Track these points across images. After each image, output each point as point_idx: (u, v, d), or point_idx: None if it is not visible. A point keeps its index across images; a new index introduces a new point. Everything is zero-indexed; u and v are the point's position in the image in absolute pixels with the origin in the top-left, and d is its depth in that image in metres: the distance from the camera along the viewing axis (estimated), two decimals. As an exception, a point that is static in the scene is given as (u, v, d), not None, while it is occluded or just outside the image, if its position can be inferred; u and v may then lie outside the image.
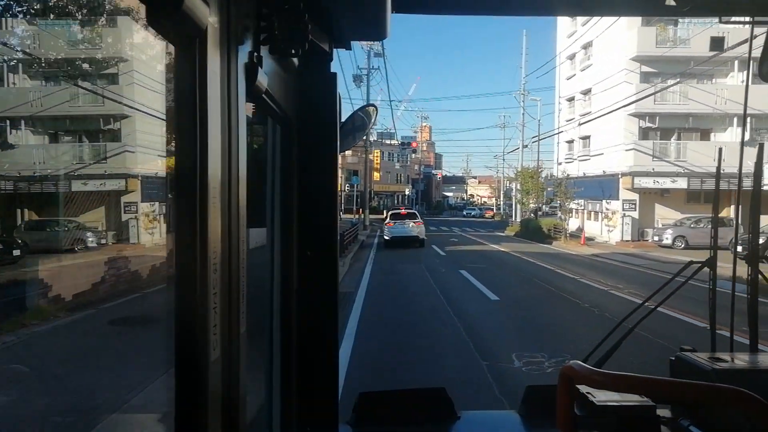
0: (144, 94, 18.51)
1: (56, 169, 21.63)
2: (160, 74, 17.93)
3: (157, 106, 16.47)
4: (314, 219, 1.40)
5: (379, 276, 15.32)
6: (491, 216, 66.84)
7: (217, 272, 0.72)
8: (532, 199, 36.05)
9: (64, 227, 20.58)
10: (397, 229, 24.99)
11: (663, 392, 1.05)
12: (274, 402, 1.36)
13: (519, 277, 15.53)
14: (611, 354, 1.71)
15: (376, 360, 7.10)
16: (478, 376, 6.26)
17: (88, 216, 22.24)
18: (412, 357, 7.23)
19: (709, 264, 1.72)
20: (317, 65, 1.39)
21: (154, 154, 20.64)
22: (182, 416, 0.70)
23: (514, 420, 1.80)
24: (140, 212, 22.70)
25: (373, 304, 10.94)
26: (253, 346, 0.92)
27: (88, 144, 23.63)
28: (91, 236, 20.74)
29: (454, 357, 7.16)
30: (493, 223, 53.26)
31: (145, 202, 22.66)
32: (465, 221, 56.31)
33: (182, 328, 0.69)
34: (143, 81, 18.20)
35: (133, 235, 22.34)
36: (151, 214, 23.09)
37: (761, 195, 1.81)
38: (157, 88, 16.70)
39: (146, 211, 22.71)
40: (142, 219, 22.71)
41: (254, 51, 0.89)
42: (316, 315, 1.41)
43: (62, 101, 20.34)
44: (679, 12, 1.43)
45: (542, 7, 1.64)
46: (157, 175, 21.69)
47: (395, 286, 13.68)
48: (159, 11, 0.62)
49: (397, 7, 1.41)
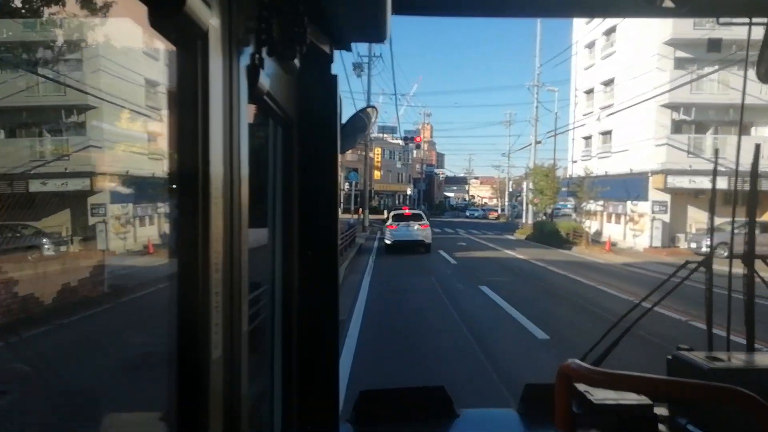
0: (114, 82, 15.67)
1: (11, 167, 18.61)
2: (134, 60, 15.18)
3: (129, 96, 13.69)
4: (315, 219, 1.43)
5: (380, 296, 12.29)
6: (495, 217, 64.35)
7: (219, 272, 0.73)
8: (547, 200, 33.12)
9: (16, 233, 17.57)
10: (400, 233, 22.02)
11: (660, 391, 1.10)
12: (274, 401, 1.37)
13: (556, 297, 12.51)
14: (609, 353, 1.72)
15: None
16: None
17: (52, 220, 19.23)
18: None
19: (706, 264, 1.75)
20: (318, 67, 1.39)
21: (127, 149, 17.76)
22: (183, 415, 0.70)
23: (513, 418, 1.82)
24: (110, 215, 19.78)
25: (373, 347, 7.77)
26: (253, 346, 0.94)
27: (49, 138, 20.66)
28: (48, 243, 17.65)
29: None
30: (499, 225, 50.33)
31: (116, 204, 19.76)
32: (469, 223, 53.43)
33: (184, 327, 0.70)
34: (111, 68, 15.29)
35: (102, 241, 19.38)
36: (123, 217, 20.23)
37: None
38: (130, 77, 13.95)
39: (117, 213, 19.82)
40: (113, 222, 19.84)
41: (256, 53, 0.89)
42: (316, 315, 1.43)
43: (17, 91, 17.35)
44: (678, 13, 1.44)
45: (542, 9, 1.66)
46: (129, 173, 18.81)
47: (401, 314, 10.52)
48: (160, 13, 0.62)
49: (397, 9, 1.42)
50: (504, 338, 8.55)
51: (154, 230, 16.24)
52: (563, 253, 24.08)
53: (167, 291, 0.75)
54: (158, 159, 8.68)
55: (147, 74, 9.21)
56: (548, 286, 14.10)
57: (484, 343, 8.10)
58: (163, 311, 0.77)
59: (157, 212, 15.63)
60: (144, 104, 11.36)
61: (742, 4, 1.59)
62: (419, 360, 7.20)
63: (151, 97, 9.65)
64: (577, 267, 18.09)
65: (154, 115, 8.35)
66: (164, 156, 4.89)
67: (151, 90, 10.08)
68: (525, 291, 13.09)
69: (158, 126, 7.76)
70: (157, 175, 8.47)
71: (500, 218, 62.10)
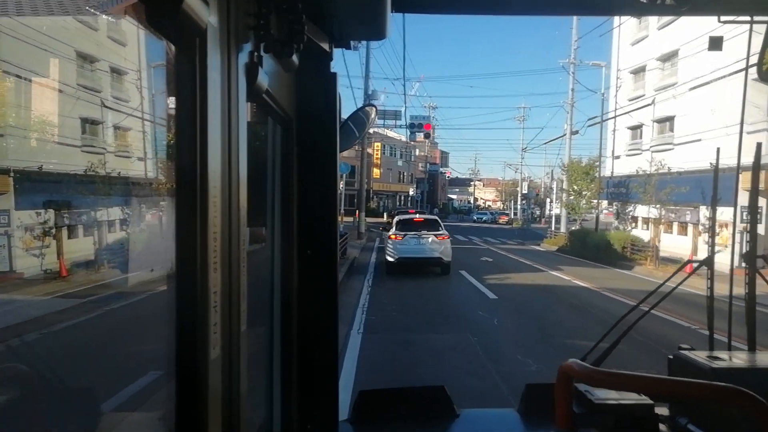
0: (25, 52, 9.51)
1: None
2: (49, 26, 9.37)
3: (46, 70, 7.86)
4: (314, 218, 1.40)
5: (381, 383, 5.79)
6: (506, 222, 57.99)
7: (217, 271, 0.72)
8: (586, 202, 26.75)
9: None
10: (408, 247, 15.65)
11: (661, 390, 1.10)
12: (274, 400, 1.36)
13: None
14: (609, 352, 1.71)
15: None
16: None
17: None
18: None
19: (707, 263, 1.77)
20: (317, 65, 1.38)
21: (42, 139, 11.49)
22: (182, 415, 0.70)
23: (514, 418, 1.79)
24: (15, 225, 13.31)
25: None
26: (253, 345, 0.90)
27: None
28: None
29: None
30: (515, 231, 43.90)
31: (27, 210, 13.37)
32: (479, 228, 47.10)
33: (182, 326, 0.69)
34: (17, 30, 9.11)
35: (2, 260, 12.99)
36: (39, 227, 13.90)
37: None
38: (49, 45, 8.08)
39: (30, 222, 13.46)
40: (22, 235, 13.44)
41: (255, 51, 0.88)
42: (316, 314, 1.41)
43: None
44: (679, 11, 1.47)
45: (542, 7, 1.65)
46: (42, 169, 12.52)
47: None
48: (158, 11, 0.62)
49: (397, 7, 1.42)
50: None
51: (87, 243, 10.26)
52: (631, 276, 17.71)
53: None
54: (99, 153, 5.53)
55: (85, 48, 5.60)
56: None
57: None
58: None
59: (95, 220, 9.81)
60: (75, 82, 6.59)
61: (744, 2, 1.57)
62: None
63: (87, 75, 6.23)
64: (683, 305, 11.60)
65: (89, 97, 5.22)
66: (109, 147, 3.25)
67: (88, 66, 6.74)
68: (648, 365, 6.64)
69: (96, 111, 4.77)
70: (99, 172, 5.11)
71: (513, 223, 55.85)
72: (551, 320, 9.93)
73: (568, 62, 28.34)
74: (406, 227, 16.27)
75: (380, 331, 8.85)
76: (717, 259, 1.82)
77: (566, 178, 28.67)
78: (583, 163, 27.06)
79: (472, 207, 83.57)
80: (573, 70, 28.19)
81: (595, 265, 20.27)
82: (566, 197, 28.80)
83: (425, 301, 11.70)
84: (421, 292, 12.73)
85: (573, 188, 27.18)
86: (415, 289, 13.15)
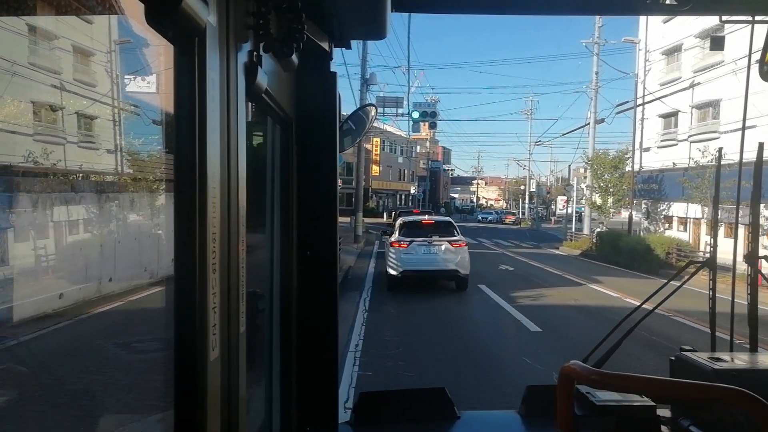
0: None
1: None
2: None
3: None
4: (314, 219, 1.40)
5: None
6: (512, 222, 54.85)
7: (216, 272, 0.72)
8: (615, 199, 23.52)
9: None
10: (416, 257, 12.42)
11: (663, 392, 1.07)
12: (274, 401, 1.35)
13: None
14: (611, 354, 1.69)
15: None
16: None
17: None
18: None
19: (709, 264, 1.76)
20: (317, 64, 1.38)
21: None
22: (182, 416, 0.69)
23: (515, 420, 1.79)
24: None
25: None
26: (252, 346, 0.90)
27: None
28: None
29: None
30: (525, 232, 40.69)
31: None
32: (486, 228, 43.98)
33: (182, 327, 0.68)
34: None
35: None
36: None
37: None
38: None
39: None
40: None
41: (254, 50, 0.87)
42: (316, 315, 1.41)
43: None
44: (680, 11, 1.43)
45: (542, 7, 1.64)
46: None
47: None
48: (157, 10, 0.61)
49: (397, 6, 1.41)
50: None
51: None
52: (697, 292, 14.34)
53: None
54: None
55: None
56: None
57: None
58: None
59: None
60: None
61: (745, 2, 1.57)
62: None
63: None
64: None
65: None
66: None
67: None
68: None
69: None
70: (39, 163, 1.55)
71: (520, 223, 52.68)
72: (638, 370, 6.71)
73: (592, 42, 25.08)
74: (412, 232, 13.04)
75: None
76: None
77: (590, 173, 25.41)
78: (610, 156, 23.80)
79: (475, 206, 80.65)
80: (597, 51, 24.93)
81: (635, 274, 17.06)
82: (589, 194, 25.53)
83: (443, 338, 8.49)
84: (436, 324, 9.51)
85: (599, 184, 23.93)
86: (427, 317, 9.94)
